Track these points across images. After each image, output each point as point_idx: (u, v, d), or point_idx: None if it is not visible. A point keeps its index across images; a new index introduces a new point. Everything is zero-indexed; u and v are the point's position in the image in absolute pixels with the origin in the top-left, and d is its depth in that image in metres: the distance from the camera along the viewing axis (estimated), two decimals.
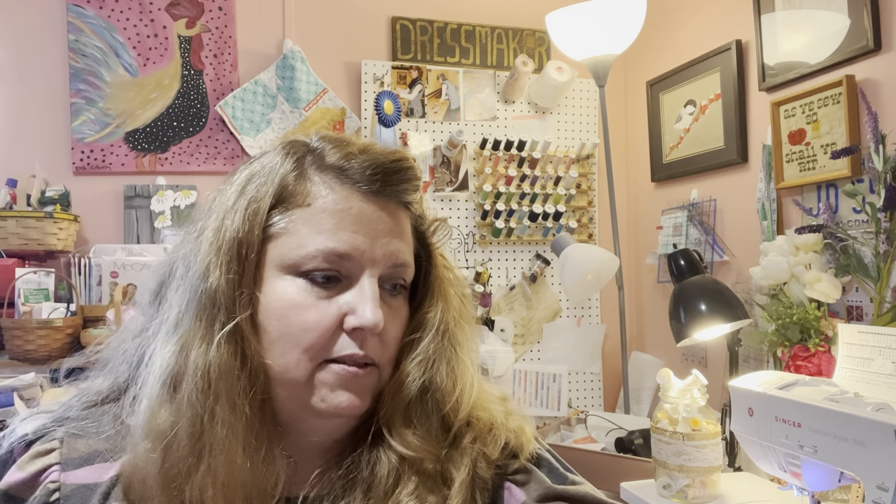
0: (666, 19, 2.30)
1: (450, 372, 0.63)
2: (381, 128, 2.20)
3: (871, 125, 1.45)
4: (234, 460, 0.54)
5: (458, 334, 0.66)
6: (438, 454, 0.62)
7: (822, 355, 1.45)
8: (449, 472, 0.62)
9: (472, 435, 0.65)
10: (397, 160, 0.60)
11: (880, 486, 0.86)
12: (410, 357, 0.62)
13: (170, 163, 2.14)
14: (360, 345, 0.58)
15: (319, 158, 0.61)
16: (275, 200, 0.58)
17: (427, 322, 0.64)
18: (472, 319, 0.70)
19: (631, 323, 2.51)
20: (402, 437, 0.61)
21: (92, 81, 2.08)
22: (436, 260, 0.67)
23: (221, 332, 0.55)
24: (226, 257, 0.56)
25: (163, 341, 0.57)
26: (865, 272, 1.46)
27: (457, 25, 2.38)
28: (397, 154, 0.61)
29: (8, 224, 1.81)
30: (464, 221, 2.34)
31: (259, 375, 0.56)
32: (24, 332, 1.73)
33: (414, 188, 0.62)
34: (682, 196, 2.21)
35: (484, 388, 0.69)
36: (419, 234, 0.66)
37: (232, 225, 0.57)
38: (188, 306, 0.57)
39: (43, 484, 0.56)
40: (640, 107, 2.44)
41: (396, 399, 0.61)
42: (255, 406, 0.56)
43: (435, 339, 0.63)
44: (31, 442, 0.59)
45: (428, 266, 0.66)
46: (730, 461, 1.58)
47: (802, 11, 1.71)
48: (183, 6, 2.17)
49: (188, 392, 0.54)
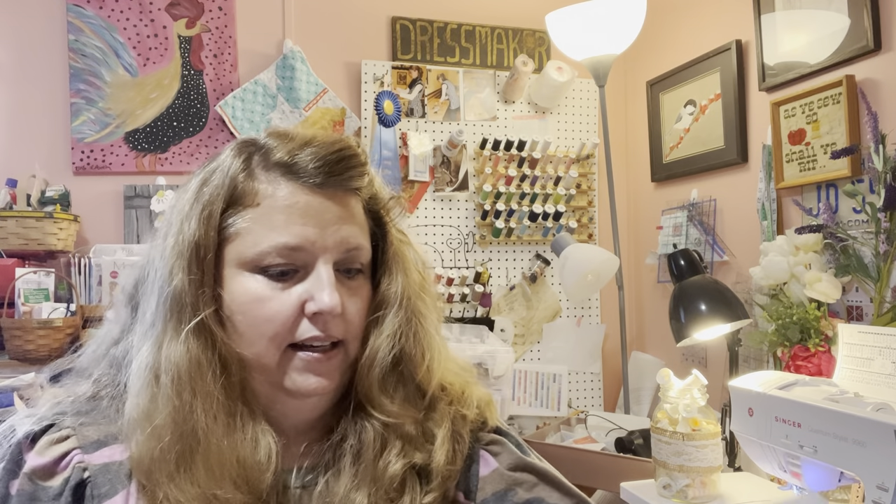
0: (666, 19, 2.30)
1: (417, 342, 0.68)
2: (381, 128, 2.20)
3: (871, 125, 1.45)
4: (220, 442, 0.59)
5: (419, 306, 0.70)
6: (417, 417, 0.68)
7: (822, 355, 1.45)
8: (430, 431, 0.69)
9: (448, 398, 0.71)
10: (339, 150, 0.64)
11: (880, 486, 0.86)
12: (377, 332, 0.67)
13: (170, 163, 2.14)
14: (322, 328, 0.63)
15: (265, 157, 0.65)
16: (226, 203, 0.63)
17: (389, 298, 0.68)
18: (432, 290, 0.74)
19: (631, 323, 2.51)
20: (381, 406, 0.66)
21: (92, 81, 2.08)
22: (392, 237, 0.71)
23: (187, 328, 0.60)
24: (186, 261, 0.61)
25: (139, 341, 0.63)
26: (865, 272, 1.46)
27: (457, 25, 2.38)
28: (339, 144, 0.64)
29: (8, 224, 1.81)
30: (464, 221, 2.34)
31: (231, 364, 0.61)
32: (24, 332, 1.73)
33: (359, 174, 0.66)
34: (682, 196, 2.21)
35: (450, 357, 0.74)
36: (373, 214, 0.70)
37: (189, 230, 0.62)
38: (158, 308, 0.62)
39: (70, 465, 0.59)
40: (640, 107, 2.44)
41: (371, 373, 0.66)
42: (232, 392, 0.61)
43: (398, 312, 0.68)
44: (36, 436, 0.61)
45: (384, 244, 0.70)
46: (730, 461, 1.58)
47: (802, 11, 1.71)
48: (183, 6, 2.17)
49: (165, 386, 0.59)
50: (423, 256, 0.74)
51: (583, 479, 1.69)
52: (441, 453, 0.67)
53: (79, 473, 0.59)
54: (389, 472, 0.65)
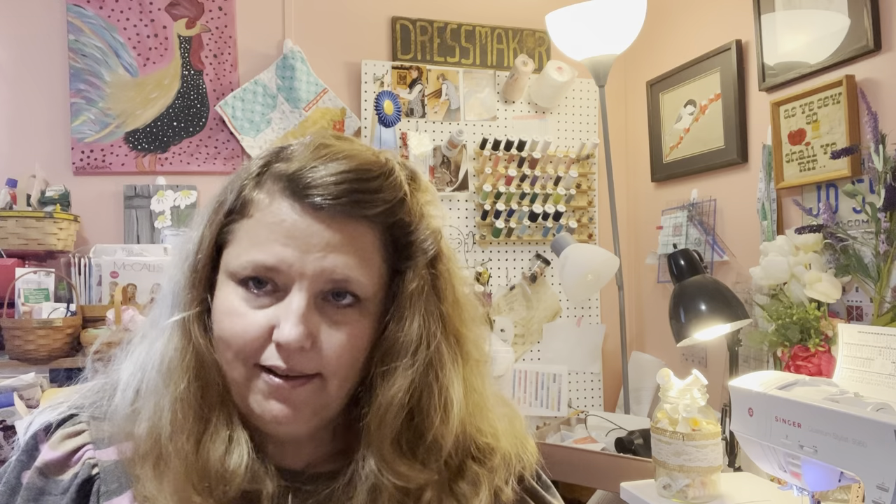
0: (666, 19, 2.30)
1: (434, 397, 0.61)
2: (381, 128, 2.20)
3: (871, 125, 1.45)
4: (186, 445, 0.57)
5: (444, 355, 0.62)
6: (433, 479, 0.61)
7: (822, 355, 1.45)
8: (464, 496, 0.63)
9: (486, 463, 0.65)
10: (355, 176, 0.58)
11: (880, 486, 0.86)
12: (386, 384, 0.60)
13: (170, 163, 2.14)
14: (285, 358, 0.57)
15: (281, 166, 0.60)
16: (230, 208, 0.61)
17: (398, 346, 0.61)
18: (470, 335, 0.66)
19: (631, 323, 2.51)
20: (396, 470, 0.60)
21: (92, 81, 2.08)
22: (417, 273, 0.62)
23: (168, 322, 0.60)
24: (189, 262, 0.61)
25: (142, 337, 0.64)
26: (865, 272, 1.46)
27: (457, 25, 2.38)
28: (359, 169, 0.58)
29: (8, 224, 1.81)
30: (464, 221, 2.34)
31: (208, 369, 0.59)
32: (24, 332, 1.73)
33: (373, 203, 0.59)
34: (682, 196, 2.21)
35: (486, 405, 0.67)
36: (396, 241, 0.62)
37: (198, 232, 0.62)
38: (161, 305, 0.63)
39: (81, 461, 0.60)
40: (640, 107, 2.44)
41: (381, 432, 0.60)
42: (207, 396, 0.59)
43: (413, 363, 0.60)
44: (52, 428, 0.62)
45: (404, 279, 0.62)
46: (730, 461, 1.58)
47: (802, 11, 1.71)
48: (183, 6, 2.17)
49: (148, 380, 0.59)
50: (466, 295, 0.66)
51: (583, 479, 1.69)
52: None
53: (87, 470, 0.60)
54: None
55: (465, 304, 0.66)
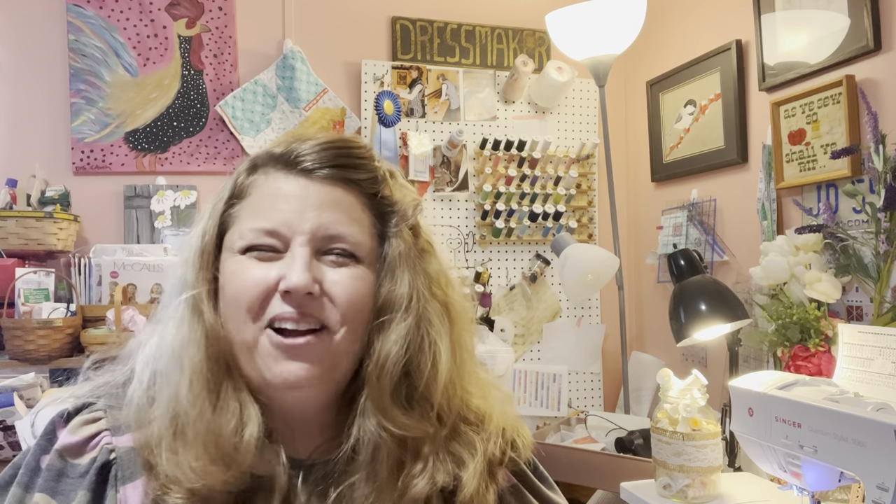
0: (666, 19, 2.30)
1: (427, 351, 0.65)
2: (381, 128, 2.20)
3: (871, 125, 1.45)
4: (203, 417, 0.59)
5: (431, 314, 0.66)
6: (430, 433, 0.65)
7: (822, 355, 1.45)
8: (459, 455, 0.66)
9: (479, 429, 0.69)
10: (337, 143, 0.65)
11: (880, 486, 0.86)
12: (383, 337, 0.64)
13: (170, 163, 2.14)
14: (296, 306, 0.61)
15: (269, 153, 0.67)
16: (230, 197, 0.67)
17: (393, 300, 0.65)
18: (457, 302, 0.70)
19: (631, 323, 2.51)
20: (394, 419, 0.63)
21: (92, 81, 2.08)
22: (402, 239, 0.67)
23: (180, 300, 0.63)
24: (196, 251, 0.65)
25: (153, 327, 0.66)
26: (865, 272, 1.46)
27: (457, 25, 2.38)
28: (340, 139, 0.66)
29: (8, 224, 1.81)
30: (464, 221, 2.34)
31: (219, 342, 0.62)
32: (24, 332, 1.73)
33: (356, 166, 0.65)
34: (682, 196, 2.21)
35: (474, 369, 0.71)
36: (381, 213, 0.68)
37: (201, 224, 0.67)
38: (170, 295, 0.66)
39: (99, 446, 0.62)
40: (640, 107, 2.44)
41: (381, 382, 0.63)
42: (218, 369, 0.61)
43: (405, 316, 0.65)
44: (70, 415, 0.64)
45: (389, 246, 0.67)
46: (730, 461, 1.58)
47: (802, 11, 1.71)
48: (183, 6, 2.17)
49: (163, 362, 0.62)
50: (447, 267, 0.71)
51: (583, 479, 1.69)
52: (472, 483, 0.65)
53: (105, 454, 0.61)
54: (411, 492, 0.63)
55: (449, 274, 0.71)
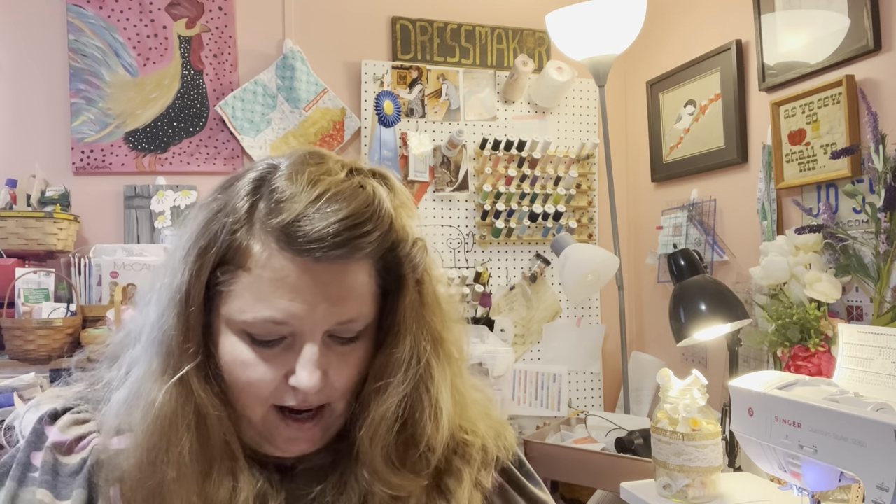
0: (666, 19, 2.30)
1: (426, 405, 0.64)
2: (381, 128, 2.21)
3: (871, 125, 1.45)
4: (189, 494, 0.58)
5: (431, 365, 0.64)
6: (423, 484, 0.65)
7: (822, 355, 1.45)
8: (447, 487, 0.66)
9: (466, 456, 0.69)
10: (351, 223, 0.57)
11: (880, 486, 0.86)
12: (380, 400, 0.62)
13: (170, 163, 2.14)
14: (302, 399, 0.61)
15: (269, 213, 0.58)
16: (221, 257, 0.59)
17: (392, 364, 0.63)
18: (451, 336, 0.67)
19: (631, 323, 2.51)
20: (387, 481, 0.63)
21: (92, 81, 2.08)
22: (406, 292, 0.63)
23: (170, 383, 0.59)
24: (176, 309, 0.59)
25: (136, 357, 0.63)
26: (865, 272, 1.46)
27: (457, 25, 2.38)
28: (348, 211, 0.57)
29: (8, 224, 1.81)
30: (464, 221, 2.34)
31: (209, 420, 0.60)
32: (24, 332, 1.73)
33: (368, 243, 0.58)
34: (682, 196, 2.21)
35: (466, 403, 0.70)
36: (388, 266, 0.63)
37: (183, 276, 0.59)
38: (150, 342, 0.61)
39: (89, 446, 0.62)
40: (640, 107, 2.44)
41: (374, 447, 0.62)
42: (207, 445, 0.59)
43: (404, 380, 0.63)
44: (56, 414, 0.64)
45: (396, 299, 0.63)
46: (730, 461, 1.58)
47: (802, 11, 1.71)
48: (183, 6, 2.17)
49: (143, 425, 0.59)
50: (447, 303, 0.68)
51: (583, 479, 1.69)
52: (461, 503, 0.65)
53: (96, 455, 0.61)
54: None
55: (446, 306, 0.67)
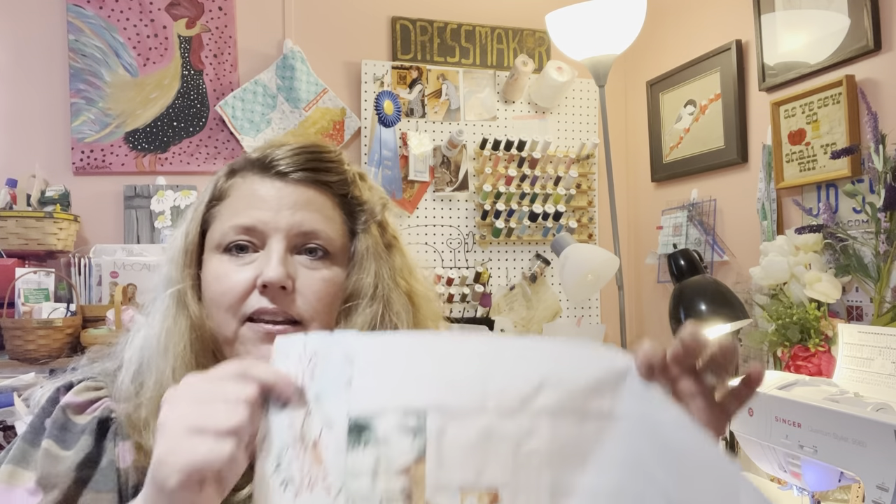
0: (666, 19, 2.30)
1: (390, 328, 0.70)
2: (381, 128, 2.20)
3: (871, 125, 1.45)
4: None
5: (396, 303, 0.71)
6: None
7: (822, 355, 1.45)
8: None
9: None
10: (309, 148, 0.70)
11: (880, 486, 0.86)
12: (348, 323, 0.69)
13: (170, 163, 2.14)
14: (270, 299, 0.66)
15: (246, 158, 0.72)
16: (210, 200, 0.72)
17: (360, 288, 0.70)
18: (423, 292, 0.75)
19: (631, 323, 2.51)
20: None
21: (92, 81, 2.08)
22: (370, 234, 0.73)
23: (167, 293, 0.68)
24: (181, 250, 0.70)
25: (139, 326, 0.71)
26: (865, 272, 1.46)
27: (457, 25, 2.38)
28: (312, 144, 0.71)
29: (8, 224, 1.81)
30: (464, 221, 2.34)
31: (205, 337, 0.67)
32: (24, 332, 1.73)
33: (327, 169, 0.71)
34: (682, 196, 2.21)
35: None
36: (350, 211, 0.73)
37: (184, 225, 0.72)
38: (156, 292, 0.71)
39: (102, 408, 0.66)
40: (640, 107, 2.44)
41: None
42: (204, 359, 0.66)
43: (371, 304, 0.70)
44: (71, 385, 0.69)
45: (358, 240, 0.73)
46: None
47: (802, 11, 1.71)
48: (183, 6, 2.17)
49: (150, 354, 0.66)
50: (412, 260, 0.76)
51: None
52: None
53: (106, 412, 0.66)
54: None
55: (413, 266, 0.76)
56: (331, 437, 0.44)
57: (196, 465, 0.44)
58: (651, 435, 0.43)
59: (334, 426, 0.44)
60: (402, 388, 0.44)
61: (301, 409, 0.47)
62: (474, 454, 0.43)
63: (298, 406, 0.47)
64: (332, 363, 0.46)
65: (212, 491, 0.46)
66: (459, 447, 0.43)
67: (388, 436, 0.43)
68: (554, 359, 0.46)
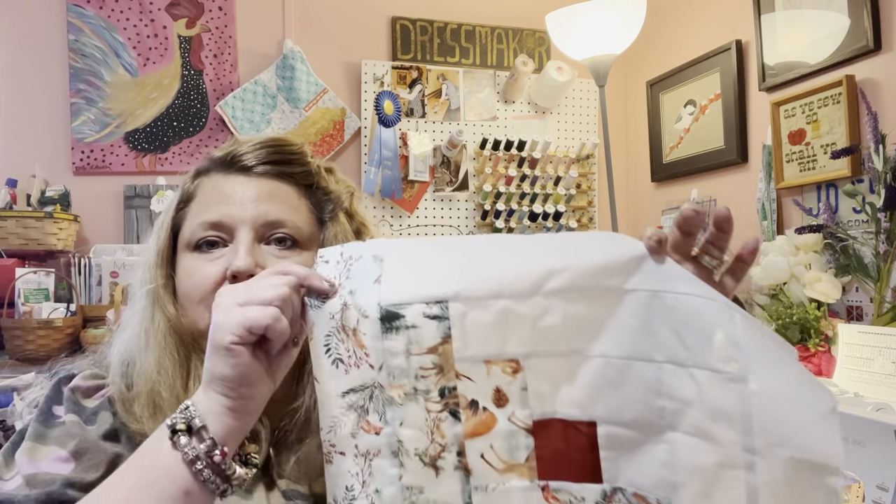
0: (666, 19, 2.30)
1: None
2: (381, 128, 2.20)
3: (871, 125, 1.45)
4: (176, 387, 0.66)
5: None
6: None
7: (822, 355, 1.45)
8: None
9: None
10: (270, 143, 0.72)
11: (880, 486, 0.86)
12: None
13: (170, 163, 2.14)
14: None
15: (210, 158, 0.74)
16: (179, 203, 0.74)
17: None
18: None
19: None
20: None
21: (92, 81, 2.08)
22: (337, 221, 0.75)
23: (142, 295, 0.70)
24: (156, 253, 0.73)
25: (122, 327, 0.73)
26: (865, 272, 1.46)
27: (457, 25, 2.38)
28: (273, 139, 0.73)
29: (8, 224, 1.81)
30: (464, 221, 2.34)
31: (183, 333, 0.68)
32: (24, 332, 1.73)
33: (289, 161, 0.72)
34: (682, 196, 2.21)
35: None
36: (318, 202, 0.75)
37: (158, 228, 0.75)
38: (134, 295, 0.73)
39: (105, 396, 0.69)
40: (640, 107, 2.44)
41: None
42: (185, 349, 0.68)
43: None
44: (72, 376, 0.71)
45: (327, 228, 0.75)
46: None
47: (802, 11, 1.71)
48: (183, 6, 2.17)
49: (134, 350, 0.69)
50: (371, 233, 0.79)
51: None
52: None
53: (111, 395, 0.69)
54: None
55: None
56: (367, 325, 0.52)
57: (246, 324, 0.51)
58: (661, 303, 0.49)
59: (369, 315, 0.52)
60: (424, 282, 0.52)
61: (339, 302, 0.54)
62: (495, 332, 0.51)
63: (336, 300, 0.55)
64: (363, 264, 0.54)
65: (261, 355, 0.54)
66: (481, 327, 0.51)
67: (415, 321, 0.51)
68: (563, 248, 0.52)
